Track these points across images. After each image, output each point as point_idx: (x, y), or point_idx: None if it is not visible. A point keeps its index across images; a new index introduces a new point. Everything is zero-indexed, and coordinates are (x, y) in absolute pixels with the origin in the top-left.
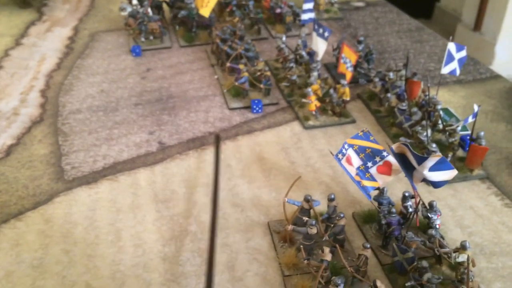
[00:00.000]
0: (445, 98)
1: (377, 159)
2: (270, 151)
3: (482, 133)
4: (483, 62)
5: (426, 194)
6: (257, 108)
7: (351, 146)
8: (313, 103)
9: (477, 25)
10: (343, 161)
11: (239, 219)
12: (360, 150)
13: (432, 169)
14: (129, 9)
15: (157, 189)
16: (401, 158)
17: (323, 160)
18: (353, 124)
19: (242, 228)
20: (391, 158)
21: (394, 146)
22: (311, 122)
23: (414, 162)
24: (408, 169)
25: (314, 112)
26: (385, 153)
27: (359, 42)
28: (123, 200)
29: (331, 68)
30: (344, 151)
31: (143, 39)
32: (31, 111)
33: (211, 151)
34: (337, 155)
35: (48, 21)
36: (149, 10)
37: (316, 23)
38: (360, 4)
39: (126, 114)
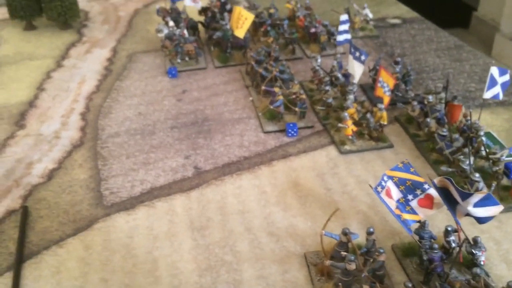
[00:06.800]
0: (487, 121)
1: (418, 191)
2: (306, 177)
3: None
4: None
5: (468, 226)
6: (292, 132)
7: (390, 178)
8: (350, 128)
9: None
10: (383, 194)
11: (275, 249)
12: (400, 182)
13: (476, 205)
14: (165, 31)
15: (193, 216)
16: (444, 192)
17: (360, 187)
18: (391, 149)
19: (277, 259)
20: (432, 191)
21: (436, 180)
22: (347, 147)
23: (457, 197)
24: (451, 203)
25: (350, 137)
26: (426, 186)
27: (396, 63)
28: (160, 228)
29: (367, 89)
30: (383, 183)
31: (179, 60)
32: (72, 134)
33: (246, 177)
34: (376, 188)
35: (87, 42)
36: (185, 31)
37: (352, 46)
38: (396, 21)
39: (162, 138)
